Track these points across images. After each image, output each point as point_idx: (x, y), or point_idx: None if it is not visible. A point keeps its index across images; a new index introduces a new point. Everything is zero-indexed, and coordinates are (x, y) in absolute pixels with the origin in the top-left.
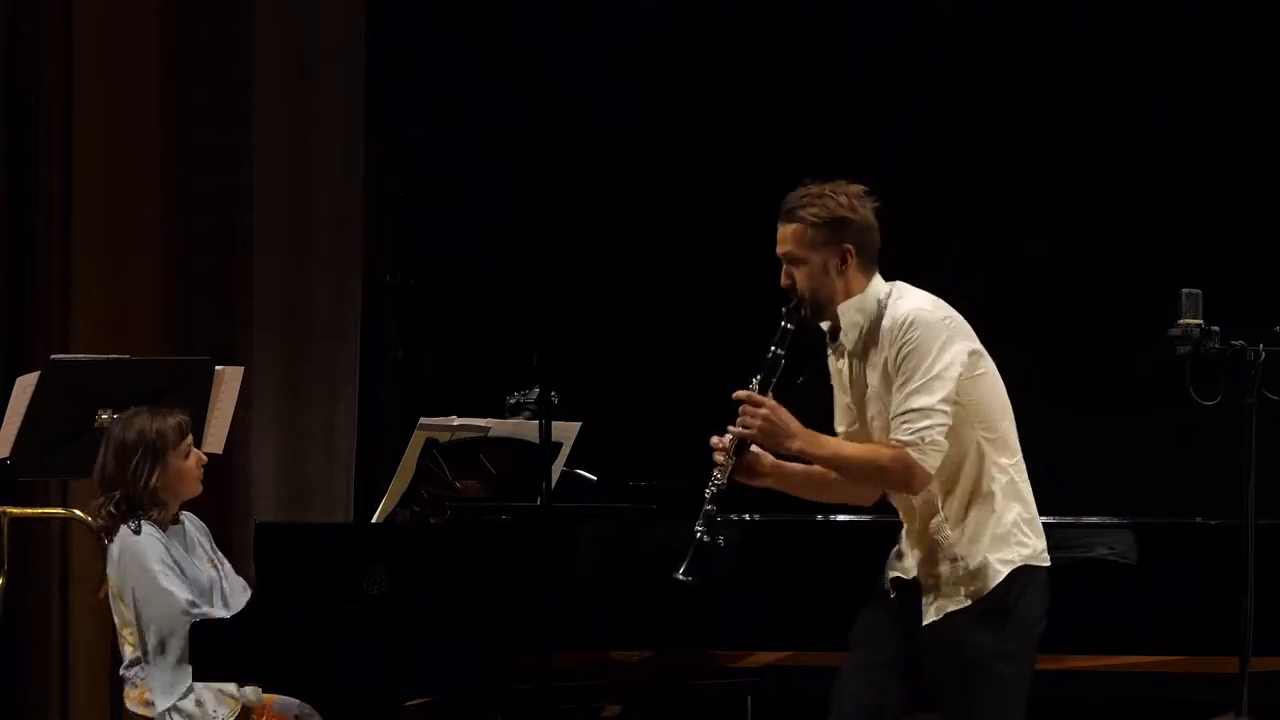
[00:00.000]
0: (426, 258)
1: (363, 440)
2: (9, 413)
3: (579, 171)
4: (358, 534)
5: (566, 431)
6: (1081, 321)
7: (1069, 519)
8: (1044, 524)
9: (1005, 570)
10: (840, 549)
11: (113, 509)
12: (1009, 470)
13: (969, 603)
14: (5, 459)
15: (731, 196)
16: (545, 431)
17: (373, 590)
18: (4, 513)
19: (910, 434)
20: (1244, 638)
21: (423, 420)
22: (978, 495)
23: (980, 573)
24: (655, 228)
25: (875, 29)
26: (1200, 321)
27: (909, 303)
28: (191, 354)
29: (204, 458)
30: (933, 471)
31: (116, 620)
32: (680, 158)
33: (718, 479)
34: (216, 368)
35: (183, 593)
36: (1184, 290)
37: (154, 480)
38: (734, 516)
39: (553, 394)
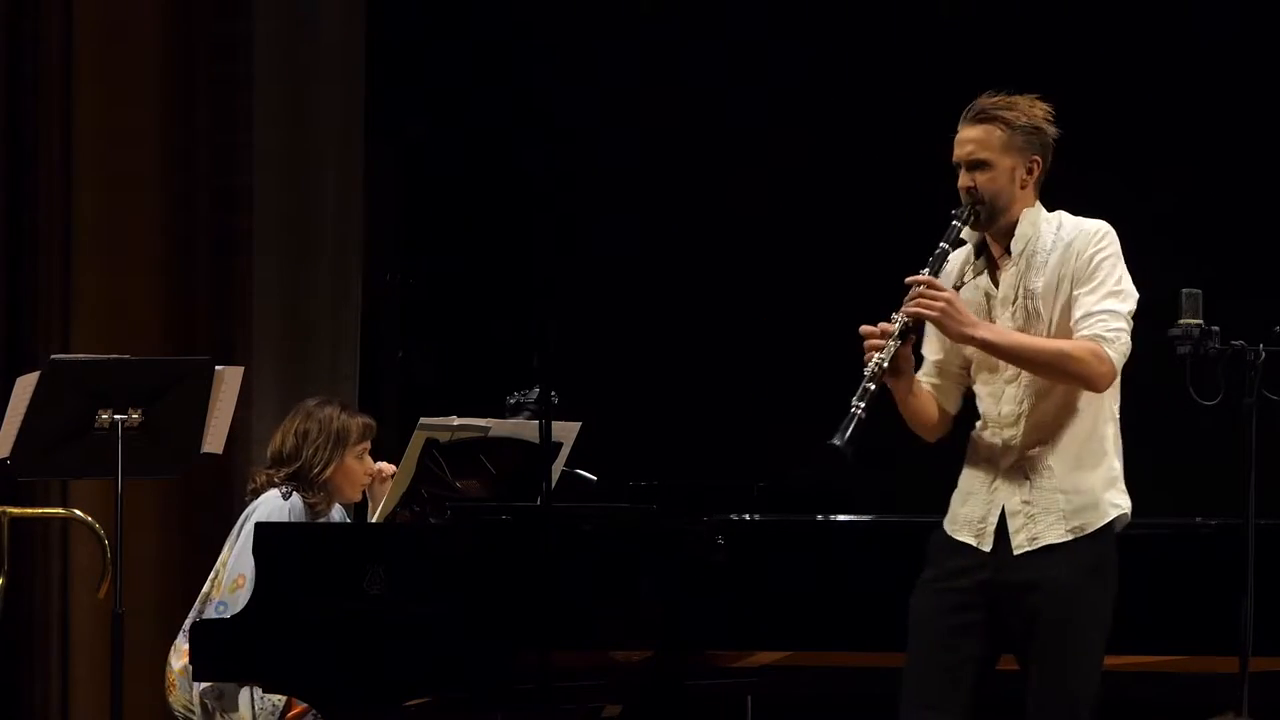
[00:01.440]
0: (426, 257)
1: None
2: (9, 413)
3: (579, 171)
4: (358, 534)
5: (566, 431)
6: None
7: None
8: None
9: (1114, 513)
10: (840, 549)
11: (276, 480)
12: (1117, 424)
13: (1070, 538)
14: (5, 459)
15: (732, 196)
16: (545, 431)
17: (373, 590)
18: (4, 513)
19: (1106, 330)
20: (1244, 638)
21: (423, 420)
22: (1095, 433)
23: (1090, 508)
24: (656, 227)
25: (874, 29)
26: (1200, 321)
27: (1094, 220)
28: (191, 354)
29: (374, 468)
30: (1118, 371)
31: (218, 562)
32: (681, 157)
33: (879, 359)
34: (216, 368)
35: None
36: (1184, 290)
37: (329, 470)
38: (733, 516)
39: (553, 394)
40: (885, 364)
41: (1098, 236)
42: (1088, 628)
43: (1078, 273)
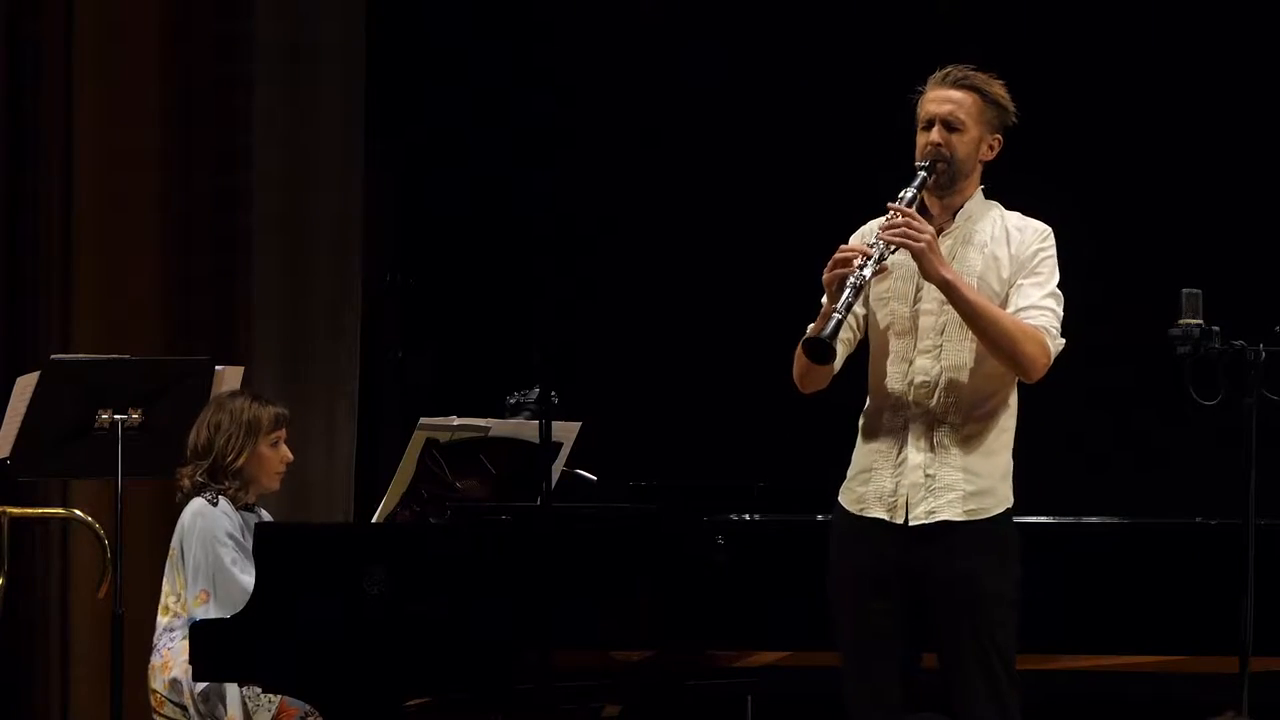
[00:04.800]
0: (426, 258)
1: (363, 440)
2: (9, 413)
3: (579, 171)
4: (358, 534)
5: (566, 431)
6: (1081, 321)
7: (1069, 519)
8: (1044, 523)
9: (1007, 504)
10: None
11: (199, 478)
12: (1015, 419)
13: (965, 518)
14: (5, 459)
15: (732, 196)
16: (545, 431)
17: (373, 590)
18: (4, 513)
19: (1051, 326)
20: (1244, 638)
21: (423, 420)
22: (1000, 421)
23: (987, 494)
24: (656, 227)
25: (875, 28)
26: (1200, 321)
27: (1038, 221)
28: (191, 354)
29: (290, 457)
30: (1047, 367)
31: (165, 586)
32: (680, 157)
33: (858, 274)
34: (216, 368)
35: (247, 575)
36: (1184, 290)
37: (242, 459)
38: (734, 517)
39: (553, 394)
40: (868, 276)
41: (1045, 234)
42: (997, 609)
43: (1024, 261)
